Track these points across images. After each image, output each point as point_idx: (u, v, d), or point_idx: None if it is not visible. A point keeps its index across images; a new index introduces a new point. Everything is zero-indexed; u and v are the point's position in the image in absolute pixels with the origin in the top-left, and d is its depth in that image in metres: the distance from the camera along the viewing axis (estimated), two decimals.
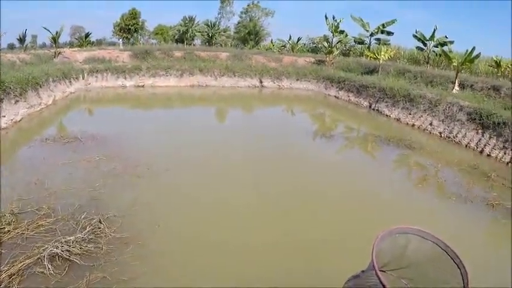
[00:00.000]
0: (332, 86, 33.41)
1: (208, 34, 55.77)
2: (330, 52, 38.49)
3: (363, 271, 4.57)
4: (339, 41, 42.37)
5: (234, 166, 14.32)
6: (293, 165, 15.10)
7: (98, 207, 9.72)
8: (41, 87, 21.67)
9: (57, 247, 7.62)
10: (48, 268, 7.04)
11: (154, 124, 19.93)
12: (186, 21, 62.59)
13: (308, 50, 50.91)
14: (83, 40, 43.63)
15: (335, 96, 32.12)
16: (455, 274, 4.12)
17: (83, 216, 9.04)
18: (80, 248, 7.75)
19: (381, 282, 3.77)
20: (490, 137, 18.90)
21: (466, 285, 3.90)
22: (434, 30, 34.19)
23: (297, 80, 35.64)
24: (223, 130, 21.06)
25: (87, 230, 8.44)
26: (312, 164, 15.47)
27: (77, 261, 7.39)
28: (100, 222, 8.83)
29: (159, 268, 7.59)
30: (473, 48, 25.90)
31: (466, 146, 19.70)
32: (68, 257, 7.45)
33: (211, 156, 15.05)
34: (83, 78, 28.35)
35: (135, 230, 8.79)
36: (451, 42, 33.62)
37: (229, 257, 8.27)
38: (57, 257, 7.44)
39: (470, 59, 26.33)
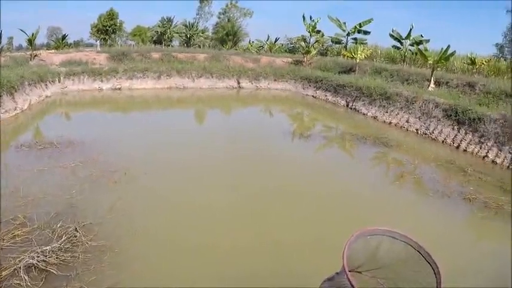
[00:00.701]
0: (310, 85, 33.41)
1: (186, 35, 55.57)
2: (308, 52, 38.52)
3: (337, 273, 4.57)
4: (316, 41, 42.55)
5: (212, 168, 14.11)
6: (272, 165, 14.97)
7: (75, 215, 9.45)
8: (16, 91, 21.01)
9: (33, 258, 7.40)
10: (25, 280, 6.82)
11: (132, 128, 19.55)
12: (164, 22, 62.30)
13: (286, 50, 50.92)
14: (60, 42, 42.87)
15: (313, 96, 32.11)
16: (429, 273, 4.17)
17: (59, 225, 8.78)
18: (57, 258, 7.54)
19: (352, 285, 3.80)
20: (466, 133, 19.09)
21: (439, 284, 3.96)
22: (411, 29, 34.44)
23: (275, 80, 35.51)
24: (202, 132, 20.84)
25: (64, 239, 8.20)
26: (290, 164, 15.39)
27: (54, 272, 7.18)
28: (76, 230, 8.60)
29: (136, 275, 7.46)
30: (448, 46, 26.25)
31: (443, 142, 19.87)
32: (44, 268, 7.24)
33: (190, 159, 14.81)
34: (59, 82, 27.71)
35: (112, 237, 8.58)
36: (427, 41, 33.89)
37: (207, 261, 8.14)
38: (33, 267, 7.22)
39: (445, 56, 26.68)
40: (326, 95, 30.78)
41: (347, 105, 27.96)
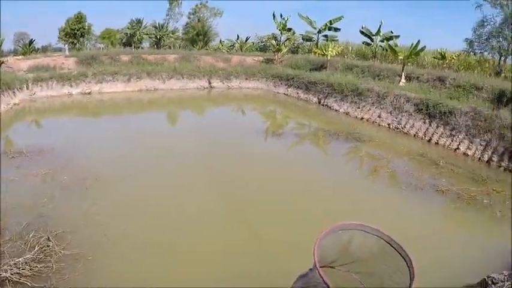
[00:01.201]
0: (281, 83, 33.28)
1: (156, 36, 54.96)
2: (279, 50, 38.40)
3: (310, 269, 4.53)
4: (287, 39, 42.42)
5: (186, 170, 13.83)
6: (247, 165, 14.80)
7: (47, 224, 9.16)
8: None
9: (6, 271, 7.18)
10: None
11: (103, 132, 19.01)
12: (134, 24, 61.43)
13: (257, 49, 50.79)
14: (27, 47, 41.97)
15: (284, 94, 31.99)
16: (402, 265, 4.17)
17: (31, 235, 8.50)
18: (30, 269, 7.34)
19: (323, 280, 3.78)
20: (437, 126, 19.24)
21: (412, 275, 3.95)
22: (380, 25, 34.67)
23: (246, 79, 35.29)
24: (174, 134, 20.43)
25: (36, 249, 7.98)
26: (265, 163, 15.22)
27: (28, 284, 7.00)
28: (49, 239, 8.37)
29: (111, 282, 7.27)
30: (418, 42, 26.44)
31: (415, 135, 20.01)
32: (18, 280, 7.06)
33: (162, 162, 14.51)
34: (28, 88, 26.87)
35: (86, 245, 8.38)
36: (397, 37, 34.10)
37: (182, 264, 8.05)
38: (7, 281, 7.02)
39: (415, 52, 26.87)
40: (298, 93, 30.68)
41: (319, 102, 27.90)
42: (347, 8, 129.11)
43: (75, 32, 57.08)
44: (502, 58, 32.08)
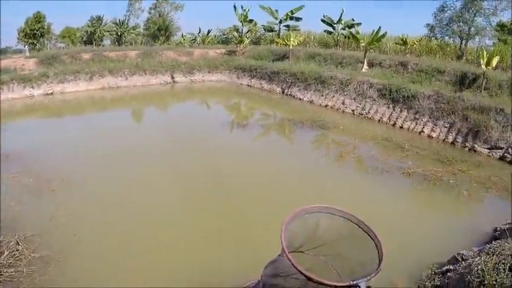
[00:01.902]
0: (244, 75, 33.00)
1: (117, 33, 54.00)
2: (241, 42, 38.09)
3: (279, 255, 4.48)
4: (249, 30, 42.15)
5: (151, 167, 13.32)
6: (212, 158, 14.36)
7: (15, 228, 8.73)
8: None
9: None
10: None
11: (67, 133, 18.11)
12: (94, 22, 60.15)
13: (219, 42, 50.27)
14: None
15: (248, 85, 31.71)
16: (371, 246, 4.12)
17: None
18: (1, 275, 7.03)
19: (293, 264, 3.72)
20: (401, 110, 19.32)
21: (380, 256, 3.91)
22: (341, 13, 34.67)
23: (209, 72, 34.89)
24: (139, 131, 19.75)
25: (6, 254, 7.66)
26: (231, 155, 14.89)
27: None
28: (18, 243, 8.04)
29: (82, 282, 7.10)
30: (379, 28, 26.51)
31: (379, 120, 20.02)
32: None
33: (128, 160, 13.98)
34: None
35: (55, 247, 8.07)
36: (358, 24, 34.13)
37: (154, 261, 7.76)
38: None
39: (377, 38, 26.94)
40: (261, 83, 30.45)
41: (283, 92, 27.72)
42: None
43: (34, 32, 55.55)
44: (463, 42, 32.44)
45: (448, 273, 6.58)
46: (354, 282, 3.64)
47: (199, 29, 50.87)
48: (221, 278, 7.07)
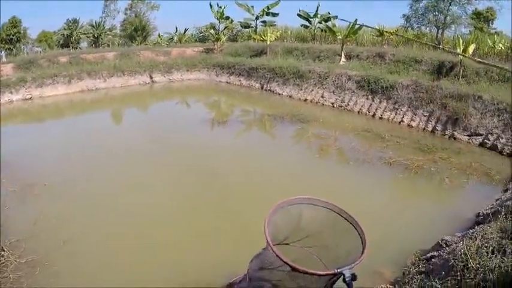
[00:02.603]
0: (223, 72, 32.79)
1: (94, 35, 53.45)
2: (218, 39, 37.84)
3: (264, 248, 4.50)
4: (226, 27, 41.89)
5: (135, 168, 13.03)
6: (196, 156, 14.10)
7: None
8: None
9: None
10: None
11: (48, 137, 17.77)
12: (70, 24, 59.46)
13: (196, 40, 49.91)
14: None
15: (227, 82, 31.50)
16: (354, 235, 4.15)
17: None
18: None
19: (278, 256, 3.74)
20: (380, 101, 19.37)
21: (364, 245, 3.94)
22: (318, 7, 34.67)
23: (188, 71, 34.63)
24: (120, 133, 19.42)
25: None
26: (214, 152, 14.70)
27: None
28: (3, 249, 7.83)
29: (70, 283, 6.94)
30: (356, 21, 26.39)
31: (359, 112, 20.05)
32: None
33: (109, 162, 13.72)
34: None
35: (41, 251, 7.88)
36: (335, 17, 34.07)
37: (137, 260, 7.66)
38: None
39: (353, 31, 27.00)
40: (240, 80, 30.29)
41: (262, 88, 27.58)
42: None
43: (11, 37, 54.80)
44: (440, 31, 32.66)
45: (433, 259, 6.58)
46: (339, 270, 3.65)
47: (176, 28, 50.53)
48: (210, 275, 6.97)
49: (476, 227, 7.40)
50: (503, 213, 7.08)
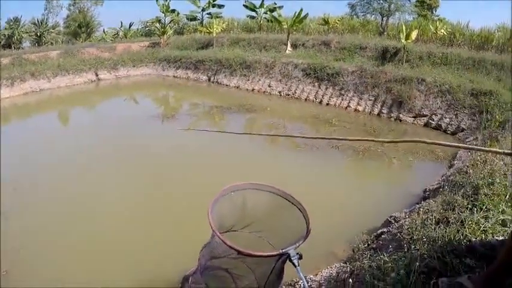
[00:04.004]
0: (170, 66, 32.37)
1: (36, 34, 51.89)
2: (164, 33, 37.31)
3: (212, 237, 4.43)
4: (172, 21, 41.39)
5: (84, 171, 12.35)
6: (144, 154, 13.60)
7: None
8: None
9: None
10: None
11: None
12: (11, 24, 57.56)
13: (142, 34, 49.09)
14: None
15: (174, 76, 31.10)
16: (299, 216, 4.15)
17: None
18: None
19: (222, 240, 3.77)
20: (326, 88, 19.57)
21: (308, 224, 3.98)
22: None
23: (134, 66, 33.99)
24: (68, 135, 18.59)
25: None
26: (163, 148, 14.30)
27: None
28: None
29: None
30: (301, 10, 26.71)
31: (306, 99, 20.13)
32: None
33: (58, 165, 12.89)
34: None
35: None
36: (280, 7, 34.32)
37: (93, 261, 7.35)
38: None
39: (299, 20, 27.12)
40: (187, 73, 29.96)
41: (209, 80, 27.36)
42: None
43: None
44: (384, 18, 33.25)
45: (382, 235, 6.69)
46: (284, 251, 3.65)
47: (121, 23, 49.73)
48: (166, 272, 6.83)
49: (422, 202, 7.57)
50: (447, 187, 7.19)
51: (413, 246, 4.79)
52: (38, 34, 50.83)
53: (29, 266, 7.31)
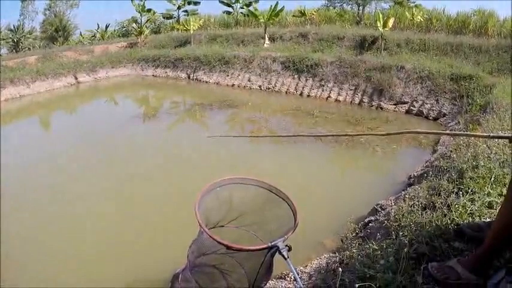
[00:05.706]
0: (148, 65, 32.15)
1: (13, 40, 51.24)
2: (141, 33, 37.02)
3: (199, 233, 4.34)
4: (148, 20, 41.03)
5: (69, 175, 12.05)
6: (127, 154, 13.48)
7: None
8: None
9: None
10: None
11: None
12: None
13: (119, 35, 48.73)
14: None
15: (153, 75, 30.91)
16: (286, 208, 4.08)
17: None
18: None
19: (209, 235, 3.68)
20: (306, 80, 19.59)
21: (295, 216, 3.92)
22: None
23: (113, 67, 33.71)
24: (49, 140, 18.32)
25: None
26: (148, 147, 14.06)
27: None
28: None
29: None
30: (277, 3, 26.74)
31: (286, 92, 20.13)
32: None
33: (41, 171, 12.60)
34: None
35: None
36: (256, 1, 34.30)
37: (82, 262, 7.24)
38: None
39: (275, 13, 27.15)
40: (166, 72, 29.80)
41: (188, 77, 27.23)
42: None
43: None
44: (360, 8, 33.38)
45: (370, 224, 6.69)
46: (272, 244, 3.60)
47: (98, 25, 49.23)
48: (155, 271, 6.73)
49: (408, 189, 7.61)
50: (431, 172, 7.21)
51: (401, 233, 4.77)
52: (15, 40, 50.15)
53: (18, 268, 7.17)
